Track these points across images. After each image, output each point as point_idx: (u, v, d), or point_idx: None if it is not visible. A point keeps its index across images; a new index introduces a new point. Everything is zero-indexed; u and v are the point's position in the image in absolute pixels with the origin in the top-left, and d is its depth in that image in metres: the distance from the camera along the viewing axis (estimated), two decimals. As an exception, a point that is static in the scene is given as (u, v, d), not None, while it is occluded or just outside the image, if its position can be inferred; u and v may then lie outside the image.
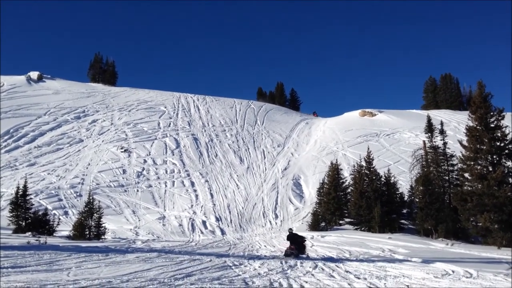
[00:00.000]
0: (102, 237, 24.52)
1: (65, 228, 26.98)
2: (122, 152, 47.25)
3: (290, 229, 19.15)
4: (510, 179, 24.49)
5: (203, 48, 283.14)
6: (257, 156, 51.70)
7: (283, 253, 17.32)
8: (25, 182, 27.29)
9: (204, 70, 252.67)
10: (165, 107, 67.43)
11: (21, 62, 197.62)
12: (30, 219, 25.68)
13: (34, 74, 77.42)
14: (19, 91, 66.51)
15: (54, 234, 24.81)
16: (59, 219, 28.12)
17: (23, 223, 25.41)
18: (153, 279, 9.55)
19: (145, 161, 45.85)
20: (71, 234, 23.91)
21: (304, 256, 17.14)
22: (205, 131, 58.66)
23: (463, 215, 24.85)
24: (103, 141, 50.49)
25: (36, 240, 19.04)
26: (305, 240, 18.48)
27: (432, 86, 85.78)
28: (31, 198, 27.76)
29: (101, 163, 43.81)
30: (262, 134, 61.00)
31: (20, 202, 26.00)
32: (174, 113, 65.23)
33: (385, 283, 10.22)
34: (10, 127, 49.95)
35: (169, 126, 58.60)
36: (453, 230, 26.33)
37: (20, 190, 26.30)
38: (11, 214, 25.79)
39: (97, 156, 45.65)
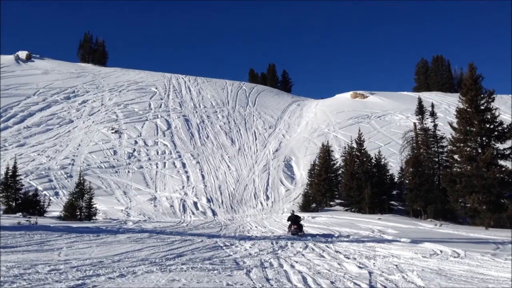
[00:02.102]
0: (93, 217, 24.50)
1: (55, 208, 26.91)
2: (112, 133, 46.99)
3: (293, 211, 21.57)
4: (498, 160, 24.74)
5: (195, 28, 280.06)
6: (249, 138, 51.69)
7: (290, 233, 18.57)
8: (15, 162, 27.11)
9: (195, 51, 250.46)
10: (156, 88, 66.93)
11: (9, 41, 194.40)
12: (21, 200, 25.61)
13: (22, 54, 76.32)
14: (7, 70, 65.63)
15: (45, 215, 24.79)
16: (50, 199, 28.06)
17: (13, 204, 25.32)
18: (145, 259, 9.57)
19: (136, 142, 45.67)
20: (62, 215, 23.85)
21: (301, 234, 18.15)
22: (196, 112, 58.42)
23: (452, 196, 25.16)
24: (93, 122, 50.14)
25: (27, 220, 18.99)
26: (301, 219, 19.76)
27: (424, 68, 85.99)
28: (21, 179, 27.58)
29: (91, 144, 43.58)
30: (253, 115, 60.90)
31: (10, 182, 25.86)
32: (165, 94, 64.80)
33: (374, 263, 10.33)
34: (-2, 107, 49.41)
35: (160, 107, 58.27)
36: (442, 211, 26.62)
37: (9, 171, 26.14)
38: (1, 195, 25.66)
39: (87, 137, 45.37)
